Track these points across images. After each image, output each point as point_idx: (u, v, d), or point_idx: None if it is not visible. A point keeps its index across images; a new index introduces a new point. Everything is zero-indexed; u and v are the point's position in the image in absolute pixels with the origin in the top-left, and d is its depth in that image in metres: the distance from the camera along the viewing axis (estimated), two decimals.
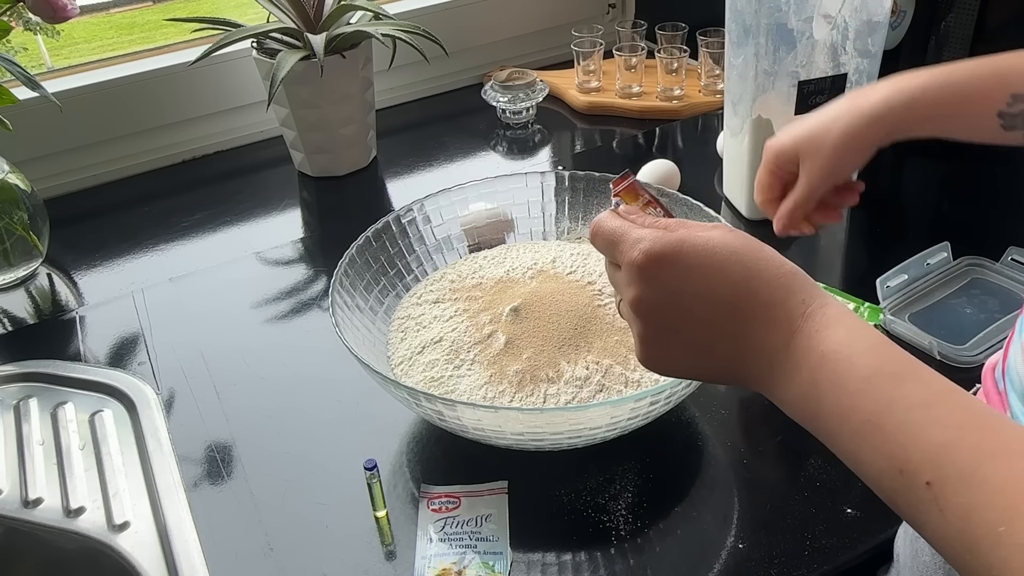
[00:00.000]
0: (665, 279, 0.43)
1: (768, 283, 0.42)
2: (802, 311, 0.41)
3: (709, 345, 0.43)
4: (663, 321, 0.44)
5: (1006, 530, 0.32)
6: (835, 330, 0.40)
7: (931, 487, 0.34)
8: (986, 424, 0.35)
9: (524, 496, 0.64)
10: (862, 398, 0.37)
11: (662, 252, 0.42)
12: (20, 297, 0.92)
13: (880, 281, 0.78)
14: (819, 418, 0.39)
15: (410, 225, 0.80)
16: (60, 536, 0.65)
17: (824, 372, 0.39)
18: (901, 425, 0.36)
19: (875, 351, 0.39)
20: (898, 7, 1.01)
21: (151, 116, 1.12)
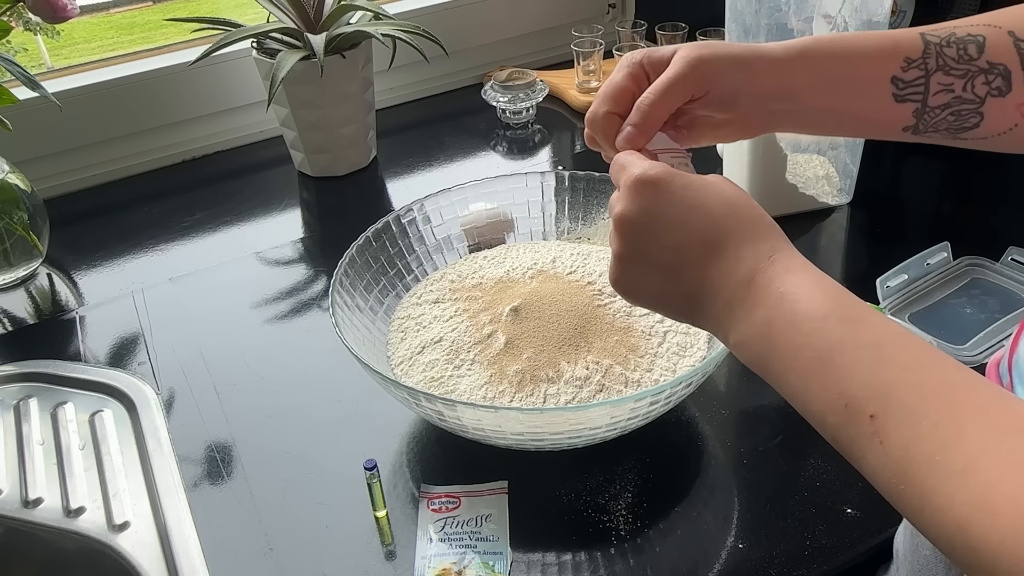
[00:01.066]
0: (650, 200, 0.45)
1: (743, 225, 0.44)
2: (768, 255, 0.43)
3: (676, 273, 0.45)
4: (639, 242, 0.46)
5: (942, 459, 0.33)
6: (797, 275, 0.42)
7: (874, 420, 0.35)
8: (933, 364, 0.36)
9: (524, 496, 0.64)
10: (815, 336, 0.39)
11: (654, 176, 0.45)
12: (20, 297, 0.92)
13: (880, 281, 0.78)
14: (771, 356, 0.41)
15: (410, 225, 0.80)
16: (60, 536, 0.65)
17: (781, 311, 0.40)
18: (850, 362, 0.37)
19: (833, 296, 0.40)
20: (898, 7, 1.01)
21: (151, 116, 1.12)
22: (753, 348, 0.42)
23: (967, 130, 0.54)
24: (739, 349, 0.43)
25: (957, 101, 0.53)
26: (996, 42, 0.52)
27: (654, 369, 0.67)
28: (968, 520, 0.32)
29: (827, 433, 0.39)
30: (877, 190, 0.97)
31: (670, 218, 0.45)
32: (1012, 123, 0.54)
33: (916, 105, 0.54)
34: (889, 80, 0.54)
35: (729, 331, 0.44)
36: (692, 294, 0.45)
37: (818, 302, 0.40)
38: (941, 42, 0.53)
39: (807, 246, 0.90)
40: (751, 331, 0.42)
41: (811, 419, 0.39)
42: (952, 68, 0.53)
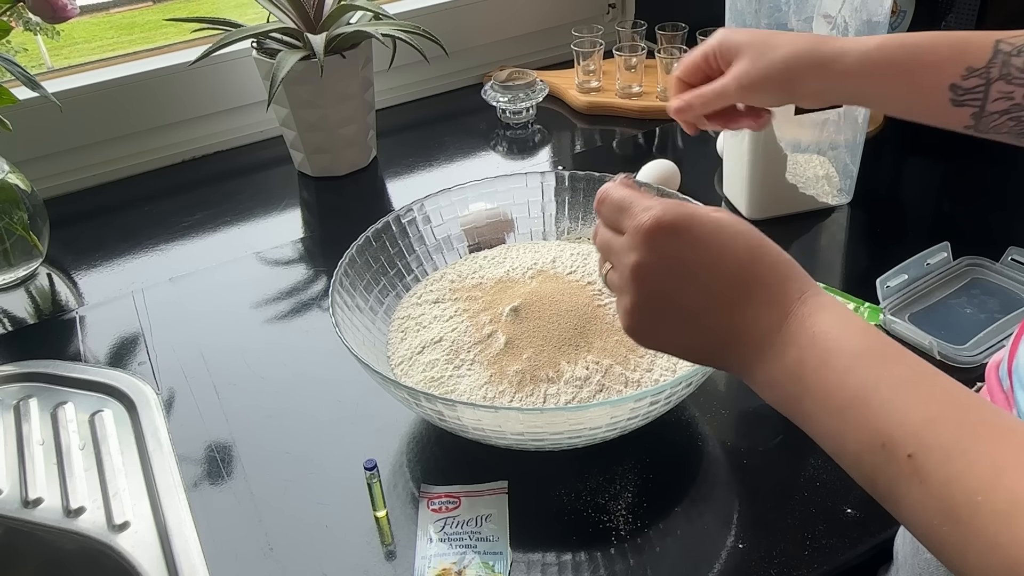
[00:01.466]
0: (672, 247, 0.43)
1: (770, 267, 0.43)
2: (798, 296, 0.42)
3: (703, 318, 0.43)
4: (661, 289, 0.44)
5: (984, 499, 0.33)
6: (827, 314, 0.41)
7: (912, 459, 0.35)
8: (970, 403, 0.36)
9: (524, 496, 0.64)
10: (850, 376, 0.38)
11: (673, 220, 0.43)
12: (20, 297, 0.92)
13: (880, 281, 0.78)
14: (804, 396, 0.40)
15: (410, 225, 0.80)
16: (60, 536, 0.65)
17: (814, 351, 0.40)
18: (886, 402, 0.37)
19: (864, 334, 0.40)
20: (898, 7, 1.01)
21: (151, 116, 1.12)
22: (784, 389, 0.41)
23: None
24: (768, 389, 0.42)
25: (1016, 108, 0.55)
26: None
27: (654, 369, 0.67)
28: (1015, 561, 0.31)
29: (864, 474, 0.38)
30: (877, 190, 0.97)
31: (695, 265, 0.43)
32: None
33: (974, 109, 0.56)
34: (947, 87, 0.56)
35: (758, 372, 0.43)
36: (719, 339, 0.44)
37: (852, 341, 0.40)
38: (1012, 51, 0.54)
39: (807, 246, 0.90)
40: (782, 372, 0.41)
41: (845, 460, 0.39)
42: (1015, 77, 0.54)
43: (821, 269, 0.87)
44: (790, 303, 0.42)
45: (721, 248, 0.43)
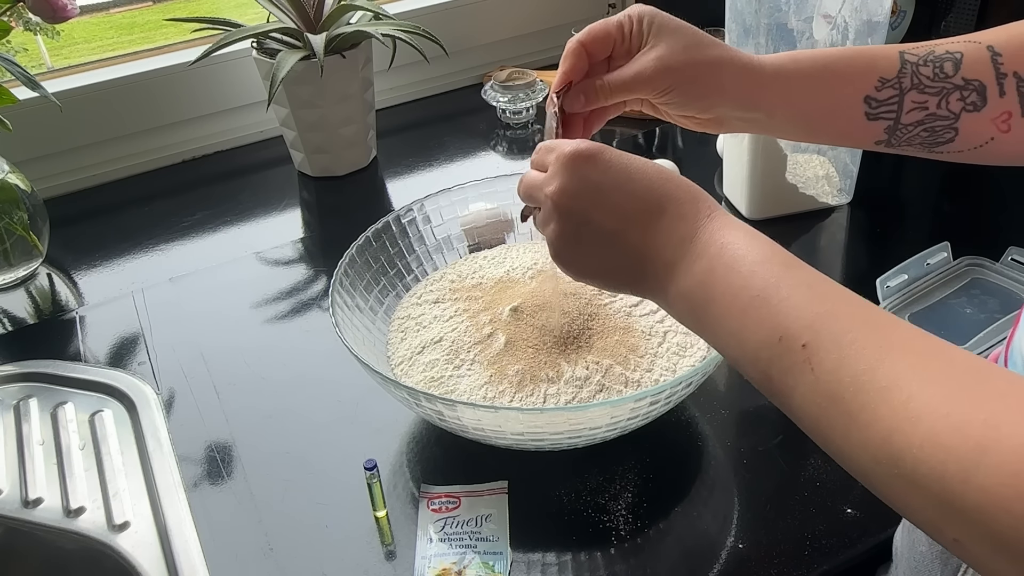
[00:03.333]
0: (587, 170, 0.47)
1: (679, 187, 0.46)
2: (707, 213, 0.45)
3: (619, 238, 0.46)
4: (580, 210, 0.47)
5: (867, 377, 0.35)
6: (735, 228, 0.44)
7: (806, 348, 0.38)
8: (863, 303, 0.40)
9: (524, 496, 0.64)
10: (753, 278, 0.41)
11: (589, 147, 0.47)
12: (20, 297, 0.92)
13: (880, 281, 0.78)
14: (711, 303, 0.43)
15: (410, 225, 0.80)
16: (60, 536, 0.65)
17: (722, 259, 0.43)
18: (785, 299, 0.40)
19: (770, 245, 0.43)
20: (898, 7, 1.01)
21: (151, 116, 1.12)
22: (693, 298, 0.44)
23: (941, 144, 0.56)
24: (678, 302, 0.45)
25: (931, 118, 0.54)
26: (974, 58, 0.53)
27: (654, 369, 0.67)
28: (891, 431, 0.34)
29: (760, 370, 0.40)
30: (877, 190, 0.97)
31: (610, 185, 0.46)
32: (987, 136, 0.54)
33: (888, 122, 0.55)
34: (862, 100, 0.55)
35: (670, 286, 0.45)
36: (635, 258, 0.46)
37: (756, 249, 0.43)
38: (919, 61, 0.54)
39: (807, 246, 0.90)
40: (692, 281, 0.44)
41: (745, 359, 0.41)
42: (927, 87, 0.54)
43: (821, 269, 0.86)
44: (699, 218, 0.45)
45: (633, 171, 0.47)
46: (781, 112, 0.56)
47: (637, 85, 0.55)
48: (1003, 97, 0.53)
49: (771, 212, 0.93)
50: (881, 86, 0.54)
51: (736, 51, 0.56)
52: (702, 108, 0.56)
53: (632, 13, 0.56)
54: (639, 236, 0.46)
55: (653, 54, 0.54)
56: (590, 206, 0.47)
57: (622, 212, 0.46)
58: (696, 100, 0.55)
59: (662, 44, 0.54)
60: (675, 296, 0.45)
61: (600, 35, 0.57)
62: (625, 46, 0.56)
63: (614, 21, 0.56)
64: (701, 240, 0.44)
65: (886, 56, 0.55)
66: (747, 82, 0.55)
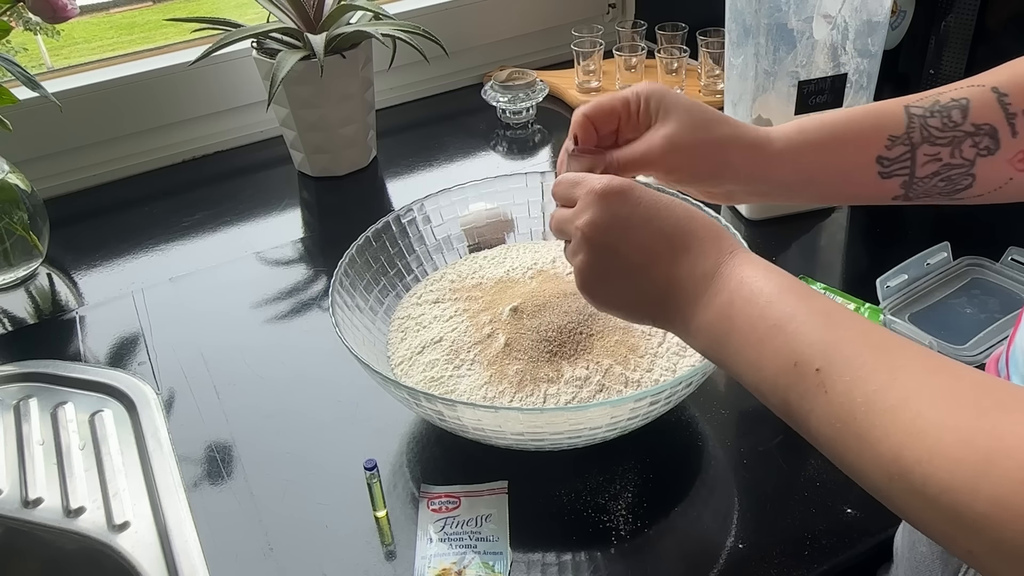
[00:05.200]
0: (619, 205, 0.49)
1: (703, 225, 0.48)
2: (729, 250, 0.47)
3: (645, 271, 0.48)
4: (608, 243, 0.49)
5: (878, 396, 0.37)
6: (755, 264, 0.46)
7: (820, 372, 0.39)
8: (874, 328, 0.41)
9: (524, 496, 0.64)
10: (770, 309, 0.43)
11: (620, 184, 0.49)
12: (20, 297, 0.92)
13: (880, 281, 0.78)
14: (730, 334, 0.45)
15: (410, 225, 0.80)
16: (60, 536, 0.65)
17: (741, 292, 0.45)
18: (800, 327, 0.41)
19: (788, 278, 0.45)
20: (898, 7, 1.01)
21: (151, 116, 1.12)
22: (714, 330, 0.46)
23: (961, 191, 0.55)
24: (700, 334, 0.47)
25: (946, 168, 0.54)
26: (980, 102, 0.53)
27: (654, 369, 0.67)
28: (901, 447, 0.35)
29: (779, 397, 0.42)
30: None
31: (639, 221, 0.48)
32: (1006, 178, 0.54)
33: (903, 178, 0.55)
34: (874, 160, 0.55)
35: (691, 320, 0.47)
36: (659, 292, 0.48)
37: (774, 282, 0.44)
38: (925, 113, 0.54)
39: (807, 246, 0.90)
40: (712, 314, 0.46)
41: (763, 387, 0.43)
42: (937, 138, 0.54)
43: (821, 269, 0.87)
44: (722, 254, 0.47)
45: (661, 207, 0.49)
46: (793, 183, 0.58)
47: (646, 163, 0.56)
48: (1015, 137, 0.52)
49: (771, 212, 0.93)
50: (892, 144, 0.54)
51: (744, 127, 0.57)
52: (712, 184, 0.58)
53: (640, 91, 0.57)
54: (664, 271, 0.48)
55: (661, 132, 0.55)
56: (619, 240, 0.49)
57: (649, 247, 0.48)
58: (706, 178, 0.57)
59: (671, 123, 0.55)
60: (696, 329, 0.47)
61: (606, 110, 0.57)
62: (631, 123, 0.57)
63: (620, 98, 0.57)
64: (722, 275, 0.46)
65: (892, 113, 0.55)
66: (756, 159, 0.56)
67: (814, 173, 0.57)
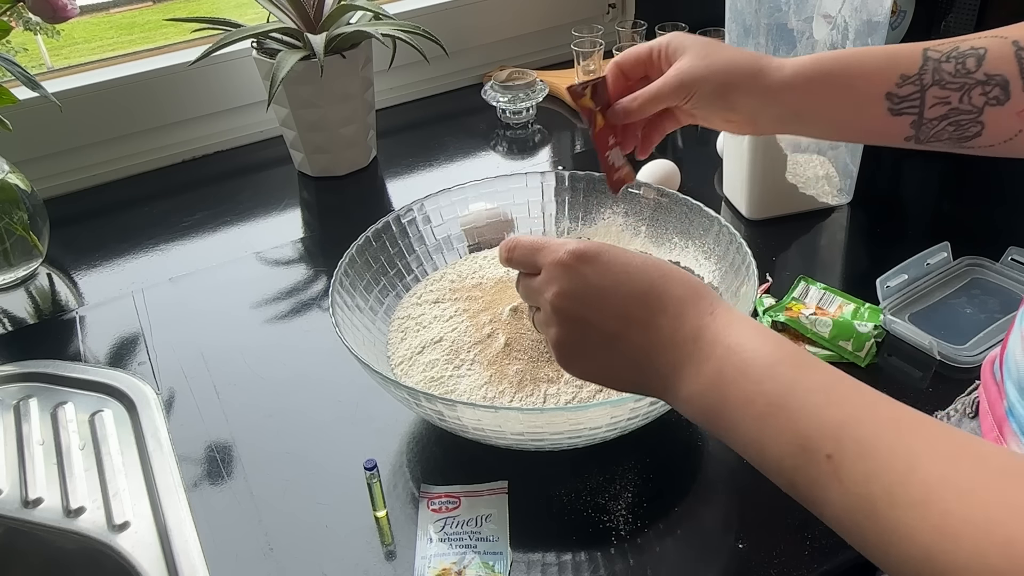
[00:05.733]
0: (586, 272, 0.47)
1: (679, 284, 0.46)
2: (710, 310, 0.44)
3: (621, 339, 0.46)
4: (580, 314, 0.47)
5: (900, 490, 0.34)
6: (740, 327, 0.43)
7: (831, 459, 0.37)
8: (880, 402, 0.38)
9: (524, 496, 0.64)
10: (767, 383, 0.40)
11: (586, 250, 0.47)
12: (20, 297, 0.92)
13: (880, 281, 0.78)
14: (724, 407, 0.42)
15: (410, 225, 0.80)
16: (60, 536, 0.65)
17: (730, 361, 0.42)
18: (803, 405, 0.39)
19: (778, 344, 0.42)
20: (898, 7, 1.01)
21: (151, 116, 1.12)
22: (705, 401, 0.43)
23: (969, 139, 0.56)
24: (690, 404, 0.44)
25: (954, 112, 0.55)
26: (998, 53, 0.54)
27: None
28: (931, 549, 0.33)
29: (786, 478, 0.39)
30: (877, 190, 0.97)
31: (610, 287, 0.46)
32: (1015, 130, 0.55)
33: (912, 117, 0.56)
34: (884, 96, 0.56)
35: (679, 388, 0.44)
36: (638, 358, 0.46)
37: (766, 350, 0.42)
38: (941, 57, 0.55)
39: (807, 246, 0.90)
40: (701, 384, 0.43)
41: (767, 466, 0.40)
42: (948, 82, 0.55)
43: (821, 269, 0.87)
44: (702, 316, 0.44)
45: (632, 270, 0.46)
46: (804, 110, 0.58)
47: (660, 97, 0.60)
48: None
49: (771, 212, 0.93)
50: (902, 83, 0.55)
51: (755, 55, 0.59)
52: (725, 107, 0.59)
53: (662, 39, 0.62)
54: (640, 337, 0.45)
55: (674, 67, 0.60)
56: (590, 309, 0.46)
57: (622, 313, 0.46)
58: (717, 100, 0.59)
59: (682, 58, 0.60)
60: (686, 399, 0.44)
61: (632, 58, 0.63)
62: (657, 68, 0.62)
63: (646, 46, 0.62)
64: (706, 340, 0.43)
65: (909, 54, 0.56)
66: (764, 82, 0.58)
67: (824, 101, 0.58)
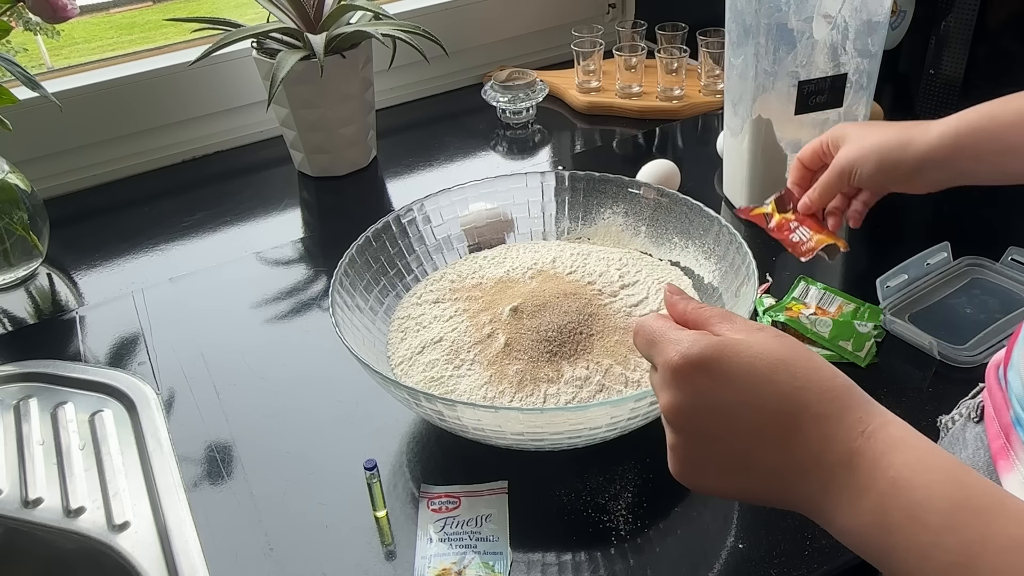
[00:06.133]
0: (703, 384, 0.40)
1: (820, 395, 0.39)
2: (861, 429, 0.38)
3: (753, 459, 0.40)
4: (700, 430, 0.41)
5: None
6: (904, 453, 0.37)
7: None
8: None
9: (524, 496, 0.64)
10: (948, 535, 0.34)
11: (701, 355, 0.40)
12: (20, 297, 0.92)
13: (880, 281, 0.78)
14: (893, 551, 0.36)
15: (410, 225, 0.80)
16: (60, 536, 0.65)
17: (898, 501, 0.36)
18: (997, 568, 0.33)
19: (953, 479, 0.35)
20: (898, 7, 1.01)
21: (151, 116, 1.12)
22: (868, 539, 0.37)
23: None
24: (847, 537, 0.38)
25: None
26: None
27: None
28: None
29: None
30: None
31: (733, 401, 0.39)
32: None
33: None
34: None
35: (831, 518, 0.39)
36: (777, 478, 0.40)
37: (940, 490, 0.35)
38: None
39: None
40: (862, 521, 0.37)
41: None
42: None
43: (821, 269, 0.87)
44: (853, 438, 0.37)
45: (759, 381, 0.39)
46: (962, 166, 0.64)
47: (829, 186, 0.69)
48: None
49: None
50: None
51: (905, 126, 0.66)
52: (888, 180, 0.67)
53: (828, 133, 0.71)
54: (777, 458, 0.39)
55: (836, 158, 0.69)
56: (710, 424, 0.40)
57: (751, 430, 0.39)
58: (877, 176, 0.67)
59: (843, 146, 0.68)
60: (839, 532, 0.39)
61: (810, 154, 0.72)
62: (829, 156, 0.70)
63: (817, 141, 0.72)
64: (862, 468, 0.37)
65: None
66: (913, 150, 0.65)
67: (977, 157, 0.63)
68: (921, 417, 0.67)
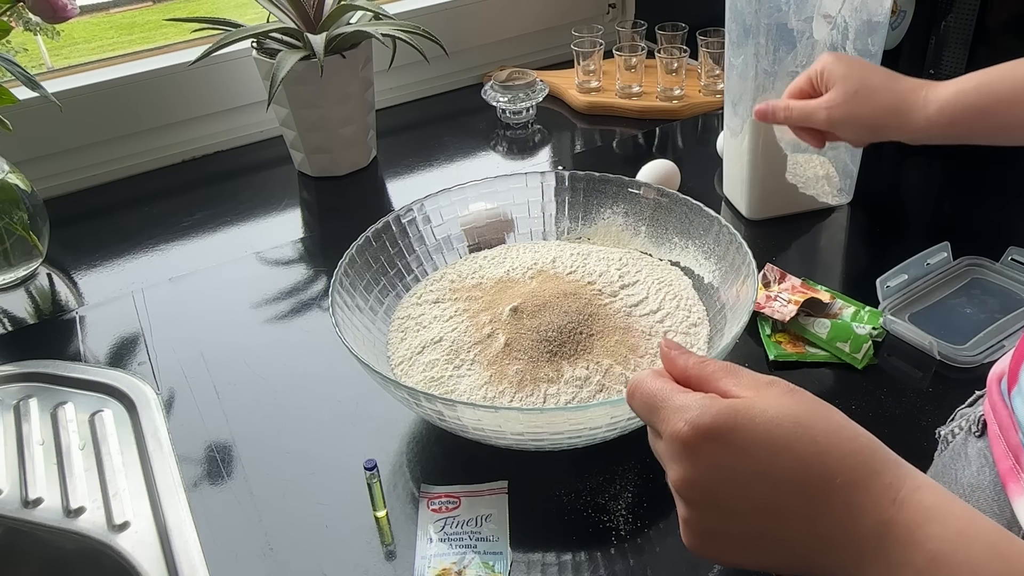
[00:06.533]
0: (717, 456, 0.37)
1: (844, 461, 0.36)
2: (892, 497, 0.35)
3: (777, 532, 0.37)
4: (715, 505, 0.38)
5: None
6: (941, 525, 0.34)
7: None
8: None
9: (524, 496, 0.64)
10: None
11: (712, 424, 0.37)
12: (20, 297, 0.92)
13: (880, 281, 0.78)
14: None
15: (410, 225, 0.80)
16: (60, 536, 0.65)
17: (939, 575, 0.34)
18: None
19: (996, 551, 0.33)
20: (898, 7, 1.01)
21: (151, 116, 1.12)
22: None
23: None
24: None
25: None
26: None
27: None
28: None
29: None
30: (877, 190, 0.97)
31: (750, 472, 0.36)
32: None
33: None
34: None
35: None
36: (805, 551, 0.37)
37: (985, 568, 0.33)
38: None
39: (807, 246, 0.90)
40: None
41: None
42: None
43: (821, 269, 0.87)
44: (884, 507, 0.35)
45: (778, 451, 0.36)
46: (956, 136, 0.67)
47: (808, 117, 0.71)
48: None
49: (771, 212, 0.93)
50: None
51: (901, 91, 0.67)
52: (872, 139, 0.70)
53: (816, 65, 0.72)
54: (800, 530, 0.36)
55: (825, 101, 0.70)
56: (728, 499, 0.37)
57: (772, 505, 0.36)
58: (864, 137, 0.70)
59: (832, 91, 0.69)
60: None
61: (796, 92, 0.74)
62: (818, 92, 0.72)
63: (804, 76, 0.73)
64: (897, 541, 0.34)
65: None
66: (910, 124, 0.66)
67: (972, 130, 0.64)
68: (921, 418, 0.67)
